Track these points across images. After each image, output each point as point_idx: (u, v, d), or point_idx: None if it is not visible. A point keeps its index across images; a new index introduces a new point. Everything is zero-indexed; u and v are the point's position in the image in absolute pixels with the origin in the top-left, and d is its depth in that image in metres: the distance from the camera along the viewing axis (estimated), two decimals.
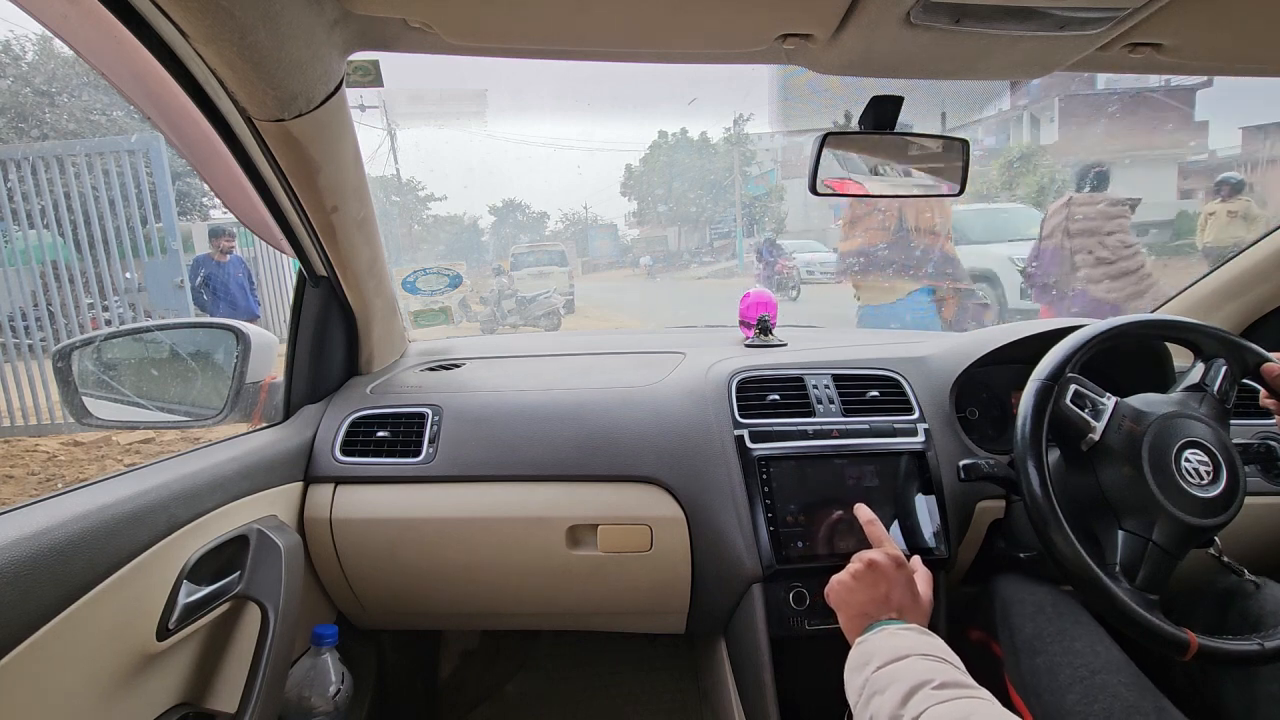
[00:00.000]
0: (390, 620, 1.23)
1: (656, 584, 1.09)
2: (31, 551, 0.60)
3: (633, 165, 24.35)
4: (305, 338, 1.14)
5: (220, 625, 0.87)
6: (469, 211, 23.92)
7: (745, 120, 20.39)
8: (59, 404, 5.26)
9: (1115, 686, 0.76)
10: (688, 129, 22.75)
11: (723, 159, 21.58)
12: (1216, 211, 6.38)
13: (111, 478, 0.78)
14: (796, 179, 20.42)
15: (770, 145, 21.42)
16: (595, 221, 25.06)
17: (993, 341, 1.15)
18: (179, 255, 5.67)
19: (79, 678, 0.65)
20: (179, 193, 11.49)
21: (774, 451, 1.05)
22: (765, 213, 19.84)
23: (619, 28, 0.69)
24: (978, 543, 1.10)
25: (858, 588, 0.79)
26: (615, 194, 24.95)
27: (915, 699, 0.59)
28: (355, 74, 0.84)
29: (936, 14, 0.63)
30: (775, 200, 20.33)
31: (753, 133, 20.86)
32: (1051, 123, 14.10)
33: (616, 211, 29.90)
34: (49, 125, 10.61)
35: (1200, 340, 0.92)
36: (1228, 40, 0.76)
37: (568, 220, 26.40)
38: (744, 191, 20.45)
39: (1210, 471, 0.83)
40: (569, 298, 11.39)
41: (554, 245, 14.85)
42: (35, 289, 5.43)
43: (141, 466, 0.84)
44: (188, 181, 11.38)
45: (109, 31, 0.60)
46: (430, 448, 1.08)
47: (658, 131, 23.53)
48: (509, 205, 26.32)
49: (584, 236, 23.64)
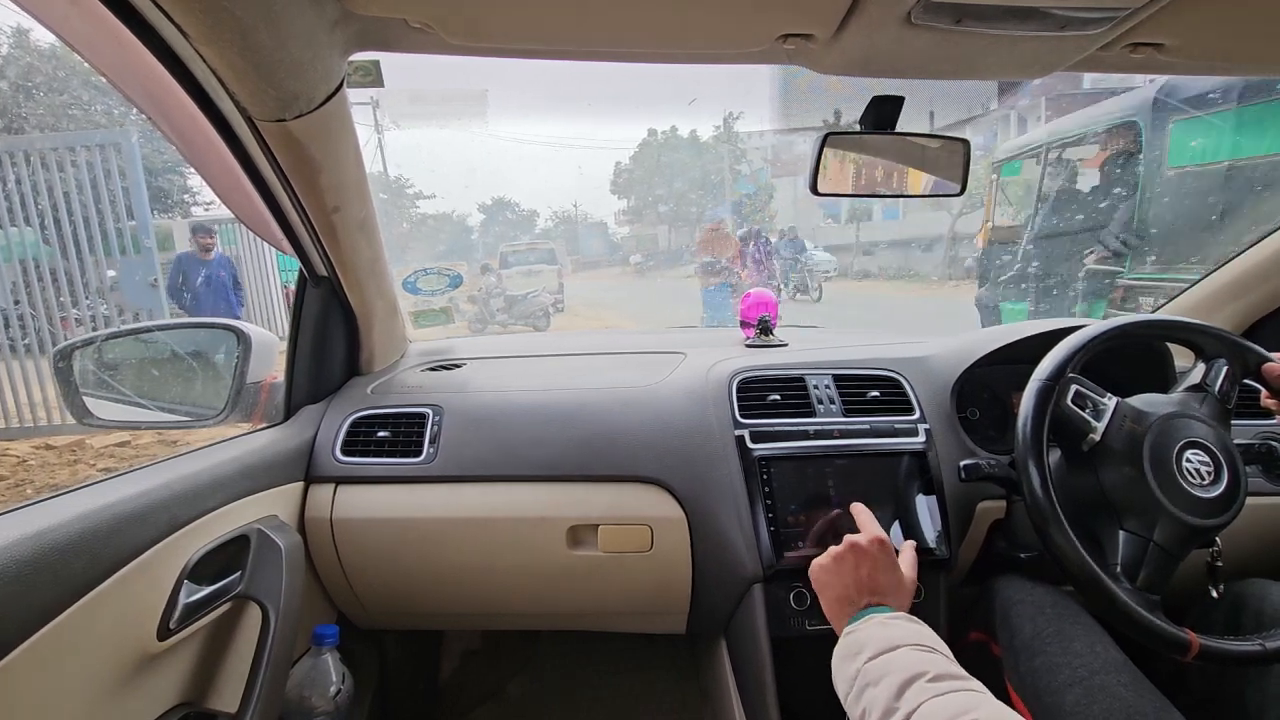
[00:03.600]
0: (391, 620, 1.23)
1: (657, 584, 1.09)
2: (33, 551, 0.60)
3: (623, 163, 24.27)
4: (306, 338, 1.14)
5: (221, 625, 0.87)
6: (458, 209, 23.78)
7: (735, 119, 20.35)
8: (29, 405, 5.12)
9: (1115, 687, 0.75)
10: (678, 127, 22.67)
11: (713, 157, 21.51)
12: None
13: (113, 477, 0.78)
14: (786, 177, 20.58)
15: (760, 144, 21.41)
16: (585, 219, 24.90)
17: (994, 342, 1.15)
18: (154, 253, 5.44)
19: (80, 677, 0.65)
20: (159, 190, 11.28)
21: (775, 452, 1.05)
22: (755, 210, 19.85)
23: (619, 28, 0.69)
24: (978, 543, 1.10)
25: (839, 569, 0.78)
26: (605, 192, 24.77)
27: (910, 691, 0.59)
28: (356, 74, 0.84)
29: (937, 14, 0.63)
30: (765, 199, 20.31)
31: (743, 131, 20.85)
32: (1039, 122, 14.13)
33: (607, 209, 29.80)
34: (26, 119, 10.39)
35: (1201, 340, 0.92)
36: (1229, 40, 0.75)
37: (558, 218, 26.23)
38: (734, 189, 20.44)
39: (1211, 472, 0.83)
40: (558, 297, 11.29)
41: (543, 243, 14.65)
42: (12, 285, 5.25)
43: (143, 466, 0.84)
44: (167, 178, 11.20)
45: (110, 32, 0.60)
46: (431, 448, 1.08)
47: (648, 129, 23.42)
48: (499, 203, 26.15)
49: (574, 234, 23.46)
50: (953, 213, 13.36)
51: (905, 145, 0.99)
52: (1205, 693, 0.92)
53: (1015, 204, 5.61)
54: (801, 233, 16.57)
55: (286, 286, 8.01)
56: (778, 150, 21.13)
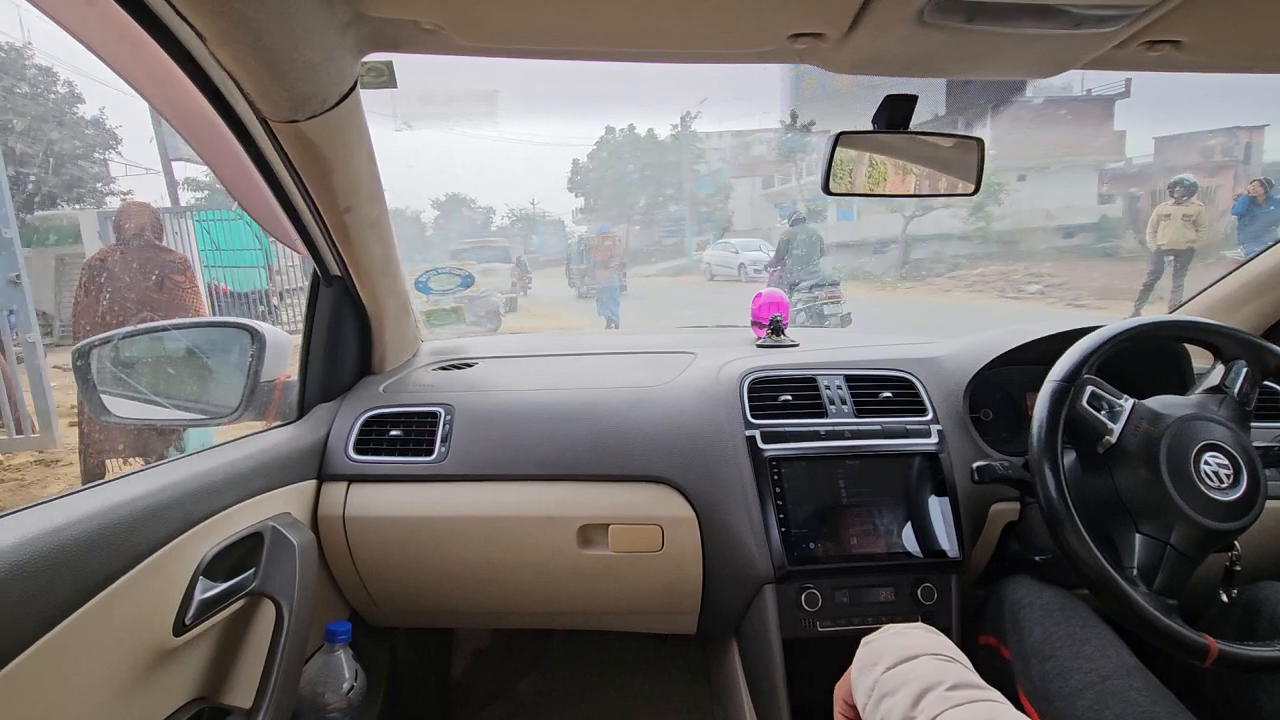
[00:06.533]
0: (402, 618, 1.24)
1: (667, 584, 1.09)
2: (51, 547, 0.61)
3: (580, 160, 23.47)
4: (319, 337, 1.15)
5: (235, 621, 0.88)
6: (411, 205, 23.16)
7: (693, 118, 20.26)
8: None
9: (1127, 692, 0.74)
10: (635, 125, 22.12)
11: (672, 156, 21.31)
12: (1172, 215, 6.43)
13: (129, 475, 0.79)
14: (744, 178, 21.00)
15: (719, 145, 21.51)
16: (543, 217, 24.32)
17: (1008, 342, 1.14)
18: (14, 245, 4.51)
19: (98, 672, 0.66)
20: (74, 179, 10.20)
21: (786, 452, 1.05)
22: (714, 211, 19.80)
23: (630, 29, 0.69)
24: (992, 545, 1.09)
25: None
26: (562, 189, 24.25)
27: (927, 700, 0.58)
28: (369, 75, 0.85)
29: (949, 12, 0.63)
30: (723, 198, 20.32)
31: (701, 131, 20.81)
32: (984, 129, 14.14)
33: (564, 207, 29.36)
34: None
35: (1220, 341, 0.91)
36: (1248, 37, 0.74)
37: (514, 215, 25.01)
38: (693, 189, 20.40)
39: (1230, 475, 0.82)
40: (511, 296, 11.03)
41: (497, 241, 14.00)
42: None
43: (158, 464, 0.85)
44: (81, 165, 10.42)
45: (127, 34, 0.61)
46: (442, 447, 1.09)
47: (605, 127, 22.72)
48: (453, 199, 25.25)
49: (531, 233, 22.87)
50: (906, 215, 13.46)
51: (918, 145, 0.98)
52: (1219, 698, 0.90)
53: None
54: (759, 233, 16.59)
55: (214, 283, 7.49)
56: (735, 151, 21.30)
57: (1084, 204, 14.40)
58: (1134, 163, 15.75)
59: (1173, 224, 6.36)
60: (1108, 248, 12.80)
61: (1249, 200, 6.24)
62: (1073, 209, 13.98)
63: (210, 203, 12.23)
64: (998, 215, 13.34)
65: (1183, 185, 6.44)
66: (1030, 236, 13.48)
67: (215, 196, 13.63)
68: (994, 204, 13.07)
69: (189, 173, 12.87)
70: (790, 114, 17.33)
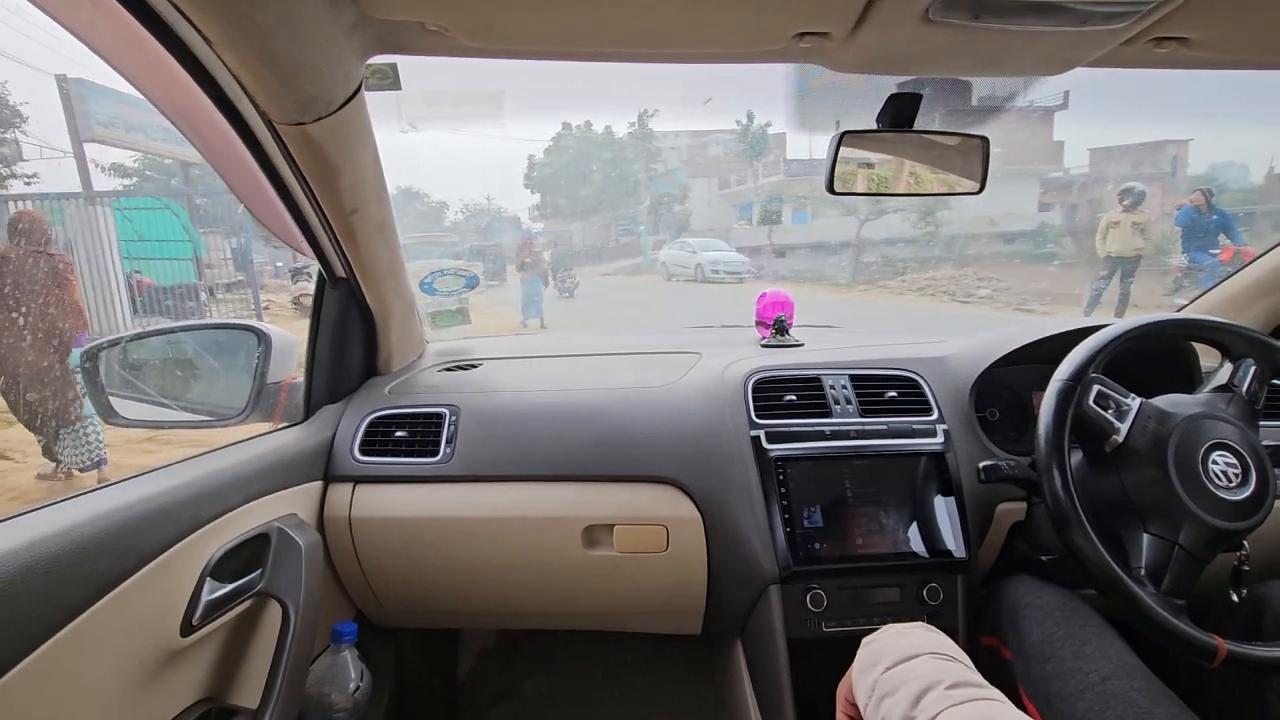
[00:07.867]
0: (408, 618, 1.24)
1: (672, 585, 1.09)
2: (59, 548, 0.61)
3: (536, 157, 22.93)
4: (325, 338, 1.15)
5: (242, 622, 0.88)
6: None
7: (650, 116, 20.14)
8: None
9: (1128, 693, 0.74)
10: (592, 122, 21.87)
11: (628, 155, 21.19)
12: (1121, 222, 6.47)
13: (136, 477, 0.79)
14: (701, 178, 21.07)
15: (676, 144, 21.52)
16: (499, 214, 23.86)
17: (1014, 341, 1.14)
18: None
19: (106, 672, 0.67)
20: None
21: (791, 452, 1.04)
22: (671, 210, 19.78)
23: (635, 29, 0.69)
24: (998, 545, 1.08)
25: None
26: (519, 185, 23.88)
27: (927, 699, 0.58)
28: (374, 77, 0.85)
29: (956, 10, 0.63)
30: (680, 197, 20.31)
31: (658, 130, 20.71)
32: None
33: (520, 204, 28.81)
34: None
35: (1228, 340, 0.91)
36: (1257, 33, 0.74)
37: (469, 211, 24.78)
38: (650, 188, 20.32)
39: (1239, 474, 0.81)
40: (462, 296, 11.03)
41: (444, 237, 13.57)
42: None
43: (165, 466, 0.85)
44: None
45: (133, 37, 0.62)
46: (448, 447, 1.09)
47: (561, 123, 22.25)
48: (405, 193, 24.00)
49: (486, 229, 22.40)
50: (860, 218, 13.58)
51: (923, 143, 0.98)
52: (1226, 699, 0.90)
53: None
54: (716, 233, 16.62)
55: (136, 275, 6.98)
56: (692, 151, 21.38)
57: (1024, 211, 14.81)
58: (1071, 172, 16.29)
59: (1122, 231, 6.40)
60: (1046, 253, 13.20)
61: (1193, 210, 6.29)
62: (1013, 216, 14.37)
63: (140, 191, 11.62)
64: (946, 220, 13.48)
65: (1132, 193, 6.48)
66: (975, 242, 13.71)
67: (145, 185, 13.10)
68: (945, 209, 13.18)
69: (116, 157, 12.34)
70: (747, 114, 17.43)
